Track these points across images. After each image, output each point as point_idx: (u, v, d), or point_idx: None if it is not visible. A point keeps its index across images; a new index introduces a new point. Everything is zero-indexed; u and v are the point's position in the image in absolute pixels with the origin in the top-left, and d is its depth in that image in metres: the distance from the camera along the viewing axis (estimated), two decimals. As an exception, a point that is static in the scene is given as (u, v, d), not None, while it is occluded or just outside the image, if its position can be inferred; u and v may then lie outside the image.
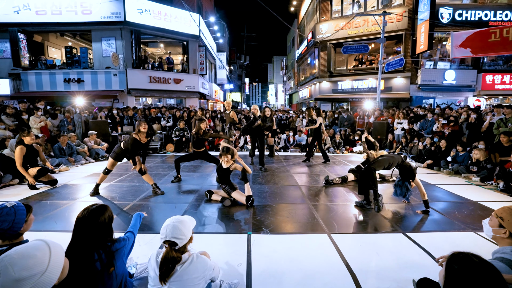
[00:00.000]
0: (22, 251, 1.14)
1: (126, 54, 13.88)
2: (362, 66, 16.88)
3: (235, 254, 2.51)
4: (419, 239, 2.80)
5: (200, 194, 4.34)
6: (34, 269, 1.11)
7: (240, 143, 9.51)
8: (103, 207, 1.60)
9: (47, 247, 1.20)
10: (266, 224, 3.14)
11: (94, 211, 1.55)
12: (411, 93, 14.80)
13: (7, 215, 1.52)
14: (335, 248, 2.62)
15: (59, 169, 5.91)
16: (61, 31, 14.30)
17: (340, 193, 4.45)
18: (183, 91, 16.07)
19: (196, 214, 3.44)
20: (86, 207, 1.58)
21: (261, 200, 4.02)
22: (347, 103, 17.80)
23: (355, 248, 2.63)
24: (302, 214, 3.49)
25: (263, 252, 2.54)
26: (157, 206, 3.79)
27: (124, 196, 4.17)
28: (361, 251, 2.57)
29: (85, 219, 1.51)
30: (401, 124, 8.76)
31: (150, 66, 15.19)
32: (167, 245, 1.53)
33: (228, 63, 32.64)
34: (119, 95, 13.80)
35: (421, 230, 3.05)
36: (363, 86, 16.28)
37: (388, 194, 4.43)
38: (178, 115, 10.01)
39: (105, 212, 1.58)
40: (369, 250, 2.59)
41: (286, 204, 3.87)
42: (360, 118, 10.77)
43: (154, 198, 4.12)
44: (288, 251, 2.55)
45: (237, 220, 3.29)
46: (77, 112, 8.54)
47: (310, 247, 2.63)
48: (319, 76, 17.96)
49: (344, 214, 3.51)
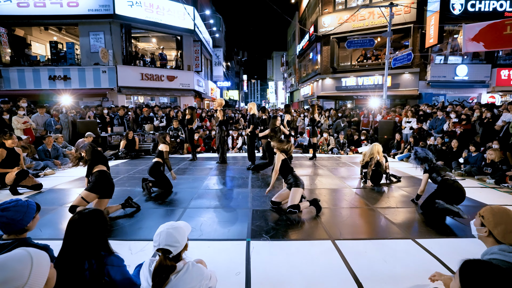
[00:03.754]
0: (0, 262, 1.14)
1: (115, 50, 13.91)
2: (368, 62, 16.95)
3: (233, 262, 2.51)
4: (429, 245, 2.81)
5: (195, 198, 4.34)
6: (11, 283, 1.09)
7: (238, 144, 9.52)
8: (96, 212, 1.60)
9: (29, 258, 1.19)
10: (266, 230, 3.14)
11: (86, 215, 1.55)
12: (420, 90, 14.88)
13: (21, 207, 1.69)
14: (340, 255, 2.63)
15: (44, 172, 5.90)
16: (45, 24, 14.29)
17: (345, 197, 4.46)
18: (177, 89, 16.10)
19: (191, 220, 3.44)
20: (79, 210, 1.59)
21: (260, 205, 4.03)
22: (352, 101, 17.86)
23: (361, 255, 2.64)
24: (305, 219, 3.50)
25: (263, 259, 2.55)
26: (150, 211, 3.79)
27: (114, 201, 4.17)
28: (368, 258, 2.58)
29: (76, 223, 1.51)
30: (410, 123, 8.80)
31: (141, 63, 15.21)
32: (160, 253, 1.53)
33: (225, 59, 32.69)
34: (109, 93, 13.81)
35: (432, 236, 3.05)
36: (369, 83, 16.34)
37: (394, 197, 4.45)
38: (172, 115, 10.02)
39: (98, 217, 1.58)
40: (376, 257, 2.59)
41: (287, 209, 3.88)
42: (365, 117, 10.81)
43: (147, 203, 4.12)
44: (290, 259, 2.56)
45: (235, 226, 3.29)
46: (64, 112, 8.53)
47: (313, 254, 2.64)
48: (321, 73, 18.02)
49: (349, 219, 3.52)
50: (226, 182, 5.48)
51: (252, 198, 4.36)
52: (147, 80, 14.88)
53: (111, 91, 13.84)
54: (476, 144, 6.36)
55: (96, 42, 13.78)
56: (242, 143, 9.56)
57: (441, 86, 14.57)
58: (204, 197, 4.44)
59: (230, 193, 4.70)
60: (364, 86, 16.51)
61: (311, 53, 21.05)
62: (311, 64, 21.45)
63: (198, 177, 5.79)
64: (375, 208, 3.91)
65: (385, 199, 4.37)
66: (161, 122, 9.79)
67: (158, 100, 16.41)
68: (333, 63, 17.34)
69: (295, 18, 27.22)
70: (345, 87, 17.31)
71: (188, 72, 16.52)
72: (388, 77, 13.04)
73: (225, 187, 5.14)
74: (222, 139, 7.11)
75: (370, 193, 4.68)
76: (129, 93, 14.77)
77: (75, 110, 9.23)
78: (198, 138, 9.36)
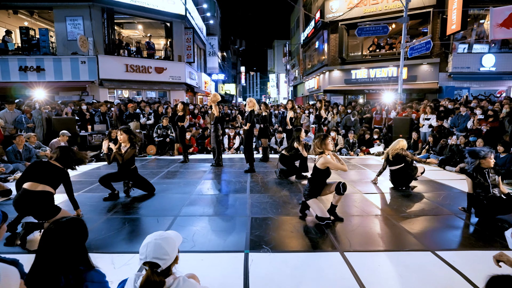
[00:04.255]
0: None
1: (96, 38, 13.91)
2: (381, 52, 17.00)
3: (230, 276, 2.51)
4: (451, 258, 2.81)
5: (186, 205, 4.34)
6: None
7: (234, 144, 9.53)
8: (74, 221, 1.59)
9: None
10: (267, 241, 3.15)
11: (63, 225, 1.54)
12: (440, 82, 14.91)
13: None
14: (350, 268, 2.63)
15: (14, 176, 5.87)
16: (14, 7, 14.19)
17: (355, 203, 4.47)
18: (167, 82, 16.12)
19: (183, 229, 3.44)
20: (55, 219, 1.58)
21: (260, 212, 4.03)
22: (363, 95, 17.90)
23: (373, 268, 2.64)
24: (310, 228, 3.50)
25: (263, 274, 2.55)
26: (136, 220, 3.78)
27: (95, 209, 4.16)
28: (381, 273, 2.58)
29: (52, 234, 1.50)
30: (428, 120, 8.81)
31: (126, 52, 15.24)
32: (147, 267, 1.52)
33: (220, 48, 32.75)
34: (89, 87, 13.82)
35: (454, 248, 3.06)
36: (382, 76, 16.39)
37: (411, 203, 4.45)
38: (160, 111, 10.01)
39: (77, 226, 1.58)
40: (390, 271, 2.60)
41: (290, 217, 3.88)
42: (378, 113, 10.82)
43: (133, 210, 4.11)
44: (293, 273, 2.56)
45: (232, 236, 3.29)
46: (37, 108, 8.51)
47: (320, 268, 2.64)
48: (329, 64, 18.06)
49: (360, 228, 3.52)
50: (221, 187, 5.48)
51: (251, 204, 4.36)
52: (133, 72, 14.90)
53: (91, 85, 13.86)
54: (505, 144, 6.36)
55: (74, 29, 13.78)
56: (239, 143, 9.57)
57: (464, 79, 14.62)
58: (197, 204, 4.43)
59: (226, 199, 4.69)
60: (376, 79, 16.56)
61: (317, 42, 21.09)
62: (317, 55, 21.49)
63: (190, 181, 5.78)
64: (389, 216, 3.91)
65: (401, 205, 4.37)
66: (148, 120, 9.78)
67: (145, 95, 16.42)
68: (342, 53, 17.39)
69: (299, 2, 27.27)
70: (355, 80, 17.36)
71: (179, 63, 16.54)
72: (404, 69, 13.07)
73: (221, 192, 5.13)
74: (217, 138, 7.10)
75: (383, 199, 4.69)
76: (112, 87, 14.79)
77: (50, 106, 9.21)
78: (190, 137, 9.35)
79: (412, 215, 3.97)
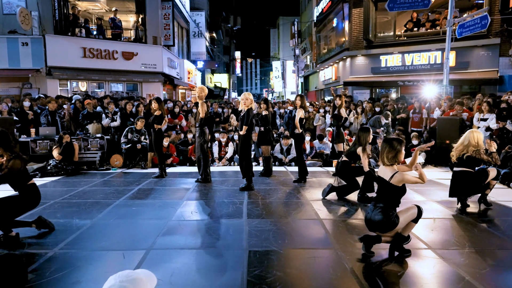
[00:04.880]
0: None
1: (43, 12, 13.95)
2: (420, 31, 17.08)
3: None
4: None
5: (163, 234, 4.31)
6: None
7: (227, 153, 9.53)
8: None
9: None
10: (269, 283, 3.11)
11: None
12: (501, 71, 14.92)
13: None
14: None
15: None
16: None
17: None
18: (138, 71, 16.18)
19: (157, 267, 3.41)
20: None
21: (261, 243, 4.00)
22: (396, 89, 17.94)
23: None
24: (326, 265, 3.48)
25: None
26: (93, 255, 3.75)
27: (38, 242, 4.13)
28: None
29: None
30: (485, 121, 8.82)
31: (84, 32, 15.29)
32: (109, 318, 1.50)
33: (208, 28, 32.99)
34: (33, 77, 13.85)
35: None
36: (422, 62, 16.47)
37: (462, 232, 4.42)
38: (129, 110, 10.01)
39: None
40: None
41: (300, 250, 3.88)
42: (416, 112, 10.84)
43: (87, 241, 4.08)
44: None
45: (225, 277, 3.26)
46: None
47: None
48: (350, 48, 18.19)
49: (394, 267, 3.49)
50: (210, 210, 5.47)
51: (248, 233, 4.33)
52: (92, 58, 14.93)
53: (36, 74, 13.85)
54: None
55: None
56: (233, 151, 9.56)
57: (534, 66, 14.62)
58: (177, 233, 4.43)
59: (216, 227, 4.68)
60: (414, 67, 16.64)
61: (335, 19, 21.27)
62: (335, 35, 21.67)
63: (169, 203, 5.76)
64: (435, 249, 3.88)
65: (451, 236, 4.34)
66: (113, 121, 9.79)
67: (109, 88, 16.45)
68: (368, 34, 17.48)
69: (311, -33, 27.61)
70: (386, 68, 17.44)
71: (154, 47, 16.62)
72: (451, 53, 13.12)
73: (209, 217, 5.11)
74: (204, 145, 7.09)
75: (426, 229, 4.65)
76: (65, 77, 14.81)
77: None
78: (169, 144, 9.36)
79: (463, 247, 3.93)
